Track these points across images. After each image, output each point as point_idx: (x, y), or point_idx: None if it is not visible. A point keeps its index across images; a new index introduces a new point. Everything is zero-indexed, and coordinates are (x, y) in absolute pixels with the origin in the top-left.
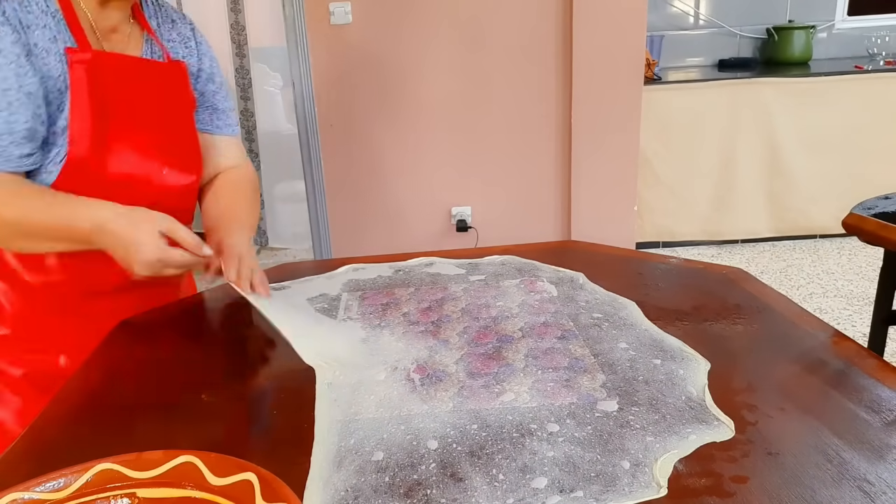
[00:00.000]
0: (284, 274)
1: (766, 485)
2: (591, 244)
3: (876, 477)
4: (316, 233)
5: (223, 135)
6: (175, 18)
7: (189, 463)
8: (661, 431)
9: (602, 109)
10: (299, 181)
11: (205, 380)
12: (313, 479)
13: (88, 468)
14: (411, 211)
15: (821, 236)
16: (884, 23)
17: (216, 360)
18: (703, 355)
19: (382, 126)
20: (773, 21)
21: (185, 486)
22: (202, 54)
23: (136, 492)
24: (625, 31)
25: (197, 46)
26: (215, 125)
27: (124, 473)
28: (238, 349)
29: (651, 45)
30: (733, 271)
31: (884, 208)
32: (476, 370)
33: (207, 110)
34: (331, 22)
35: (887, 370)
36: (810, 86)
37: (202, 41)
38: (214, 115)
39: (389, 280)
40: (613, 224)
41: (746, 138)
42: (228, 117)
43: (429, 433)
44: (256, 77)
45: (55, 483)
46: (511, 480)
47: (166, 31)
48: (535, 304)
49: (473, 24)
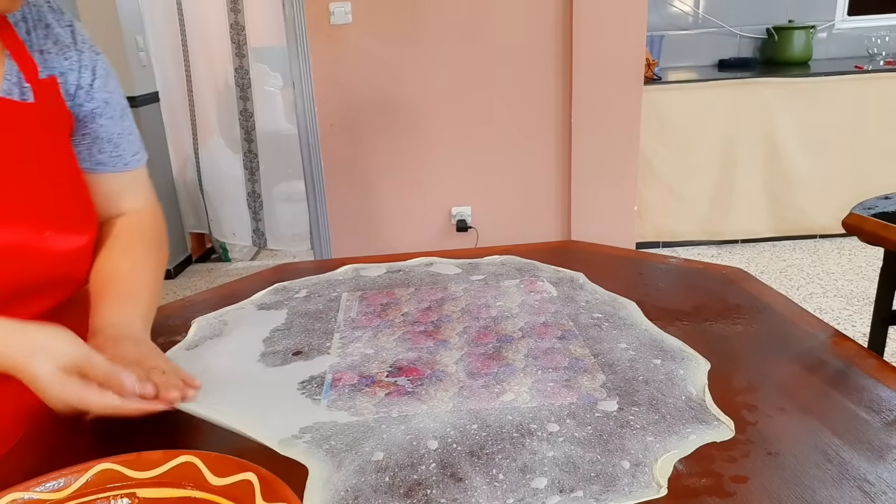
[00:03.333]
0: (284, 274)
1: (766, 485)
2: (591, 244)
3: (876, 477)
4: (316, 233)
5: (111, 172)
6: (51, 21)
7: (189, 463)
8: (661, 431)
9: (602, 109)
10: (299, 181)
11: None
12: (313, 479)
13: (88, 468)
14: (411, 211)
15: (821, 236)
16: (884, 23)
17: None
18: (703, 355)
19: (382, 126)
20: (773, 21)
21: (185, 486)
22: (83, 65)
23: (136, 492)
24: (625, 31)
25: (78, 56)
26: (96, 160)
27: (124, 473)
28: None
29: (651, 45)
30: (733, 271)
31: (884, 208)
32: (476, 370)
33: (87, 141)
34: (331, 22)
35: (887, 370)
36: (810, 86)
37: (85, 47)
38: (96, 146)
39: (389, 280)
40: (613, 224)
41: (746, 138)
42: (118, 147)
43: (429, 433)
44: (256, 77)
45: (55, 483)
46: (511, 480)
47: (39, 39)
48: (535, 304)
49: (473, 23)
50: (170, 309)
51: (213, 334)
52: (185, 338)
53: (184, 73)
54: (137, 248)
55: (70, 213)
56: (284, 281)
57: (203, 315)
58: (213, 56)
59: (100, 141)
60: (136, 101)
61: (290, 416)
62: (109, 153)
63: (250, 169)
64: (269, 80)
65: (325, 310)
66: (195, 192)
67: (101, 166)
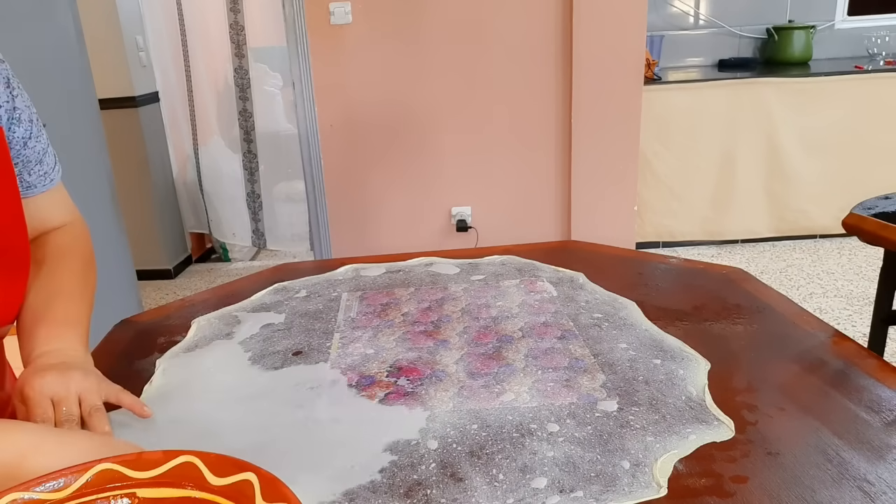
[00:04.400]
0: (284, 274)
1: (766, 485)
2: (591, 244)
3: (876, 477)
4: (316, 233)
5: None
6: None
7: (189, 463)
8: (661, 431)
9: (602, 109)
10: (299, 181)
11: None
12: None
13: (88, 468)
14: (411, 211)
15: (821, 236)
16: (884, 23)
17: None
18: (703, 355)
19: (382, 126)
20: (773, 21)
21: (185, 486)
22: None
23: (136, 492)
24: (625, 31)
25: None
26: (26, 185)
27: (124, 473)
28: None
29: (651, 45)
30: (733, 271)
31: (884, 208)
32: (476, 370)
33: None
34: (331, 22)
35: (887, 370)
36: (810, 86)
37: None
38: (26, 170)
39: (389, 280)
40: (613, 224)
41: (746, 138)
42: (42, 164)
43: (429, 433)
44: (256, 77)
45: (55, 483)
46: (511, 480)
47: None
48: (535, 304)
49: (473, 24)
50: (170, 309)
51: (212, 335)
52: (184, 338)
53: (184, 73)
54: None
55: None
56: (284, 281)
57: (203, 315)
58: (213, 56)
59: (29, 164)
60: (137, 101)
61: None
62: (38, 174)
63: (250, 169)
64: (269, 80)
65: (325, 310)
66: (195, 192)
67: (32, 189)
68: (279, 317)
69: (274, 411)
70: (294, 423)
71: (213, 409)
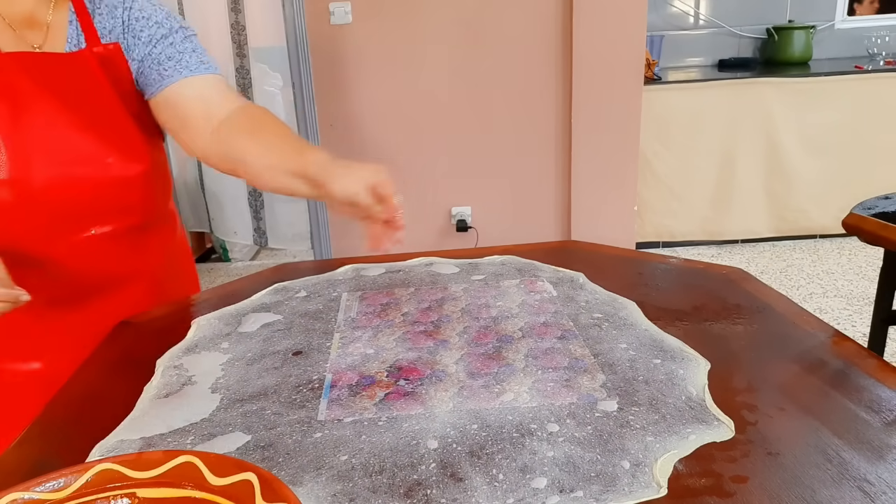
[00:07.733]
0: (284, 274)
1: (766, 485)
2: (591, 244)
3: (876, 477)
4: (316, 233)
5: (201, 74)
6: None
7: (189, 463)
8: (661, 431)
9: (602, 109)
10: None
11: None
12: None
13: (88, 468)
14: (411, 211)
15: (821, 236)
16: (884, 23)
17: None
18: (703, 355)
19: (382, 126)
20: (773, 21)
21: (185, 486)
22: (132, 21)
23: (136, 492)
24: (625, 31)
25: (127, 12)
26: (185, 65)
27: (124, 473)
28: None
29: (651, 45)
30: (733, 271)
31: (884, 208)
32: (476, 370)
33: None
34: (331, 22)
35: (887, 370)
36: (810, 86)
37: (134, 3)
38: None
39: (389, 280)
40: (613, 224)
41: (746, 138)
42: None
43: (429, 433)
44: (256, 77)
45: (55, 483)
46: (511, 480)
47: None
48: (535, 304)
49: (473, 23)
50: (169, 309)
51: (212, 335)
52: (184, 338)
53: None
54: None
55: (127, 145)
56: (284, 281)
57: (203, 315)
58: (214, 56)
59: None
60: None
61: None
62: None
63: None
64: (270, 80)
65: (325, 310)
66: (196, 192)
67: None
68: (279, 317)
69: (274, 411)
70: (294, 423)
71: (212, 409)
